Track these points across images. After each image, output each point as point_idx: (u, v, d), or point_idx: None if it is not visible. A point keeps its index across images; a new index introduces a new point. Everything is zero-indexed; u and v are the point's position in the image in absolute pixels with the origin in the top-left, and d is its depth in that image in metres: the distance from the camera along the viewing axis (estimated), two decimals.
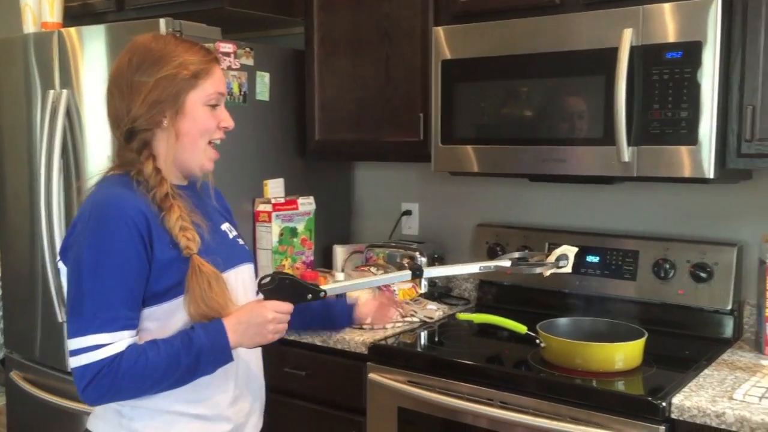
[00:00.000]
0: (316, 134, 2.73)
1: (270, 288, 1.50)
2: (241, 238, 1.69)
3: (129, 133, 1.49)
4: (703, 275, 2.20)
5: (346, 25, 2.61)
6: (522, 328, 2.09)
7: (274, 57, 2.71)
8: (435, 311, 2.46)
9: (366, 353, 2.18)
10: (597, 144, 2.04)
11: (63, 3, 2.87)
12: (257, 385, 1.65)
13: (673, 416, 1.71)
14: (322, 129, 2.72)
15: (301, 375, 2.32)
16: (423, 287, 2.61)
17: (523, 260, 1.81)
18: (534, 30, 2.13)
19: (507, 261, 1.77)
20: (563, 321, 2.13)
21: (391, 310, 2.12)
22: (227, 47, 2.48)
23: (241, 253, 1.64)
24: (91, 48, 2.55)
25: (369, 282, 1.69)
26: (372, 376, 2.14)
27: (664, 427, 1.70)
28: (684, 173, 1.93)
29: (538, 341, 2.00)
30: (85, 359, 1.37)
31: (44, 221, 2.65)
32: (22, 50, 2.75)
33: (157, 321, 1.45)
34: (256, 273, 1.73)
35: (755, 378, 1.84)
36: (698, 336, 2.20)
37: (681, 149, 1.92)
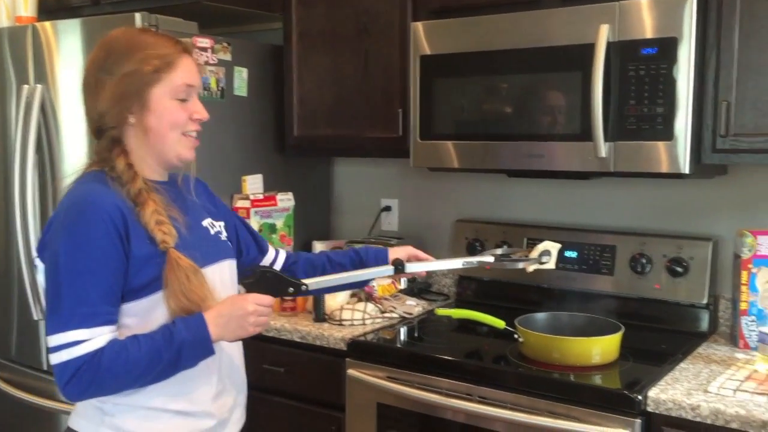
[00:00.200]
0: (295, 130, 2.72)
1: (251, 281, 1.49)
2: (225, 234, 1.67)
3: (99, 130, 1.49)
4: (679, 270, 2.22)
5: (325, 21, 2.60)
6: (500, 323, 2.09)
7: (252, 52, 2.69)
8: (414, 307, 2.46)
9: (345, 349, 2.18)
10: (574, 140, 2.05)
11: None
12: (240, 380, 1.64)
13: (649, 409, 1.72)
14: (301, 125, 2.71)
15: (280, 371, 2.32)
16: (403, 283, 2.61)
17: (506, 256, 1.81)
18: (512, 26, 2.13)
19: (490, 257, 1.77)
20: (541, 316, 2.14)
21: (423, 255, 1.86)
22: (204, 42, 2.46)
23: (223, 250, 1.62)
24: (67, 43, 2.52)
25: (350, 276, 1.68)
26: (351, 372, 2.14)
27: (640, 420, 1.72)
28: (660, 168, 1.94)
29: (516, 336, 2.01)
30: (65, 355, 1.36)
31: (19, 218, 2.61)
32: None
33: (137, 317, 1.43)
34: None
35: (730, 371, 1.86)
36: (674, 330, 2.22)
37: (657, 145, 1.94)
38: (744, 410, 1.62)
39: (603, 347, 1.93)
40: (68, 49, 2.51)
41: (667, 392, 1.73)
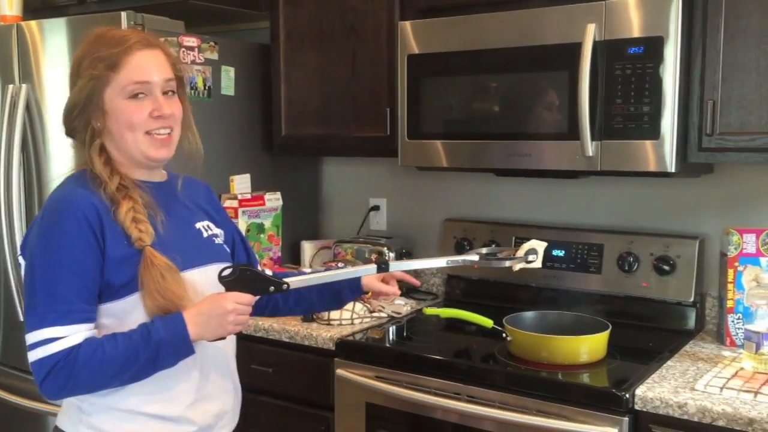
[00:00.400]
0: (283, 129, 2.71)
1: (230, 279, 1.48)
2: (222, 239, 1.65)
3: (71, 132, 1.51)
4: (667, 268, 2.23)
5: (312, 20, 2.59)
6: (488, 322, 2.10)
7: (240, 51, 2.68)
8: (403, 306, 2.46)
9: (333, 349, 2.17)
10: (562, 138, 2.06)
11: None
12: (230, 385, 1.61)
13: (637, 407, 1.73)
14: (289, 124, 2.70)
15: (268, 372, 2.31)
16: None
17: (492, 255, 1.80)
18: (500, 25, 2.13)
19: (475, 256, 1.76)
20: (529, 314, 2.15)
21: (394, 284, 1.84)
22: (191, 41, 2.45)
23: (215, 252, 1.60)
24: (52, 42, 2.50)
25: (334, 275, 1.66)
26: (339, 372, 2.13)
27: (628, 418, 1.73)
28: (647, 167, 1.95)
29: (505, 335, 2.01)
30: (41, 353, 1.36)
31: (4, 218, 2.60)
32: None
33: (114, 318, 1.43)
34: None
35: (716, 369, 1.87)
36: (661, 328, 2.23)
37: (644, 143, 1.94)
38: (730, 408, 1.63)
39: (591, 346, 1.93)
40: (54, 49, 2.49)
41: (655, 390, 1.74)
